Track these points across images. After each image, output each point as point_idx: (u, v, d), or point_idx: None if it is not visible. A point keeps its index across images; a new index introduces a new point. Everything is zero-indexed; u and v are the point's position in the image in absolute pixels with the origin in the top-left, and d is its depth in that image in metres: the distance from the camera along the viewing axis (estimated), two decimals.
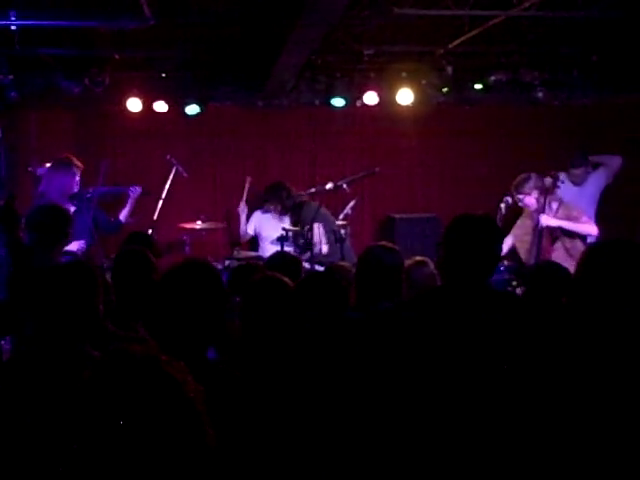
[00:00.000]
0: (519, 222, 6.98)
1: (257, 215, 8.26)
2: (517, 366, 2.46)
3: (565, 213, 6.63)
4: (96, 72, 7.27)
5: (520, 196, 6.74)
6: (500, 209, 7.25)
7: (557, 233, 6.57)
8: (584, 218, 6.70)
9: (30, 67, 7.20)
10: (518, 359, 2.49)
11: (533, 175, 6.73)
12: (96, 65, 7.25)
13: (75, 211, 6.44)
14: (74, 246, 6.09)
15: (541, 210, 6.58)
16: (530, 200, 6.69)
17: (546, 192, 6.58)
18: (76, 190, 6.61)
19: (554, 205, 6.66)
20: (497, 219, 6.97)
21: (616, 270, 2.43)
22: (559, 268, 4.16)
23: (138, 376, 1.47)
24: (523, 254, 6.74)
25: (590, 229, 6.63)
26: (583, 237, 6.60)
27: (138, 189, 7.17)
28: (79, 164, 6.66)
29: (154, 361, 1.52)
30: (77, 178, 6.63)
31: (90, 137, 8.28)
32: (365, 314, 3.42)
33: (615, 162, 7.87)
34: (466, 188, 8.71)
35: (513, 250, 6.81)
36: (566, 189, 7.59)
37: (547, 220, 6.54)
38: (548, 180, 6.60)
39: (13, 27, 5.70)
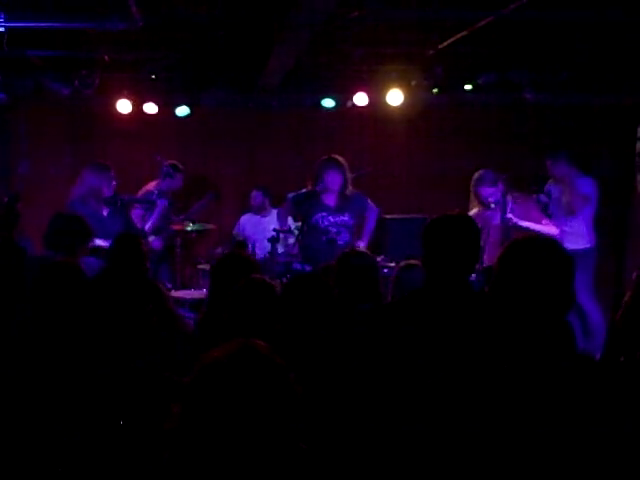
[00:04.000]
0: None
1: (244, 218, 8.26)
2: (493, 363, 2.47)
3: (523, 212, 6.64)
4: (86, 74, 7.25)
5: (483, 188, 6.77)
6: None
7: (513, 233, 6.29)
8: (544, 220, 6.73)
9: (19, 69, 7.17)
10: (491, 356, 2.49)
11: (490, 170, 6.83)
12: (85, 67, 7.23)
13: (108, 214, 6.67)
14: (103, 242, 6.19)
15: (504, 208, 6.55)
16: (493, 191, 6.68)
17: (505, 191, 6.61)
18: (111, 194, 6.71)
19: (509, 203, 6.63)
20: None
21: (530, 264, 2.39)
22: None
23: (265, 363, 1.75)
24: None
25: (550, 230, 6.58)
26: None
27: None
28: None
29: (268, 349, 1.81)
30: (113, 182, 6.71)
31: (80, 139, 8.26)
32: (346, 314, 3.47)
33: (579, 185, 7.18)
34: (457, 189, 8.70)
35: None
36: None
37: (512, 220, 6.48)
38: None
39: (1, 29, 5.67)
